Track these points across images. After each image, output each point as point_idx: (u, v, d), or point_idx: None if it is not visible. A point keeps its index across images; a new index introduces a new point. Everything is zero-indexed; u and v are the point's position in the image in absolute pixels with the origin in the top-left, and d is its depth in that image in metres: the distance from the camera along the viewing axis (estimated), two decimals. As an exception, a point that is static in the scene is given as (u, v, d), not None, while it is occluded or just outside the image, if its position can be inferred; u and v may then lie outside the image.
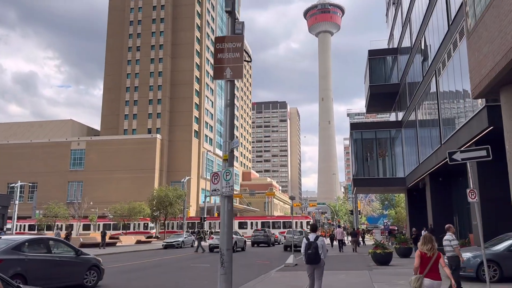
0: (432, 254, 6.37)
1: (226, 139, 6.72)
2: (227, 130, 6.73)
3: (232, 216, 6.64)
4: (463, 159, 9.05)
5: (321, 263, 9.02)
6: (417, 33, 28.73)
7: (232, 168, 6.59)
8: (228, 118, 6.84)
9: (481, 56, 7.88)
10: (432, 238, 6.62)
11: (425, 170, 27.52)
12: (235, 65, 6.84)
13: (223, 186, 6.57)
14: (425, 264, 6.39)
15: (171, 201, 49.58)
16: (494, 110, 15.98)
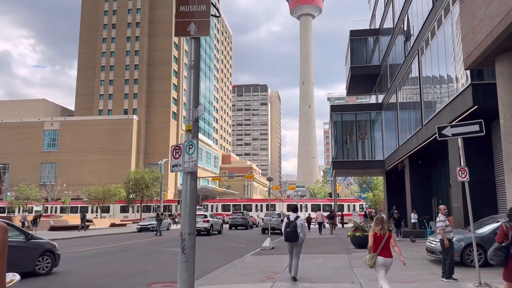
0: (383, 233, 6.85)
1: (190, 107, 5.77)
2: (191, 96, 5.78)
3: (195, 195, 5.74)
4: (453, 134, 8.36)
5: (299, 241, 9.37)
6: (400, 12, 28.03)
7: (196, 140, 5.67)
8: (192, 82, 5.88)
9: (476, 21, 7.11)
10: (384, 219, 7.13)
11: (404, 152, 27.22)
12: (200, 19, 5.86)
13: (186, 161, 5.65)
14: (378, 243, 6.84)
15: (147, 183, 48.36)
16: (479, 89, 15.46)
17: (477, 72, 15.51)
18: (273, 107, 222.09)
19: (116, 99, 76.05)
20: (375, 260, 6.79)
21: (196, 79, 5.91)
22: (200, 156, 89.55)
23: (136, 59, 76.37)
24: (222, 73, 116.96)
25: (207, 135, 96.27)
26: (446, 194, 25.19)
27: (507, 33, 6.32)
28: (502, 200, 17.13)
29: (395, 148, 30.06)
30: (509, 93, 6.92)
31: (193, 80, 5.87)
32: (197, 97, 5.76)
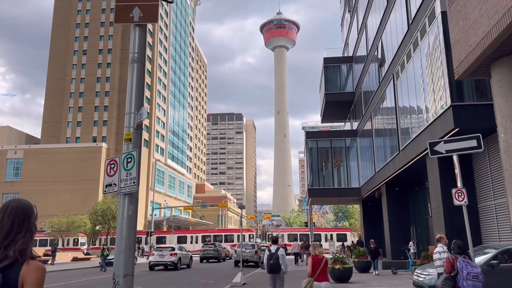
0: (322, 257, 7.38)
1: (131, 110, 4.52)
2: (133, 97, 4.54)
3: (134, 223, 4.40)
4: (448, 151, 7.37)
5: (281, 273, 9.70)
6: (373, 38, 27.95)
7: (137, 152, 4.37)
8: (135, 80, 4.65)
9: (469, 23, 6.27)
10: (321, 245, 7.75)
11: (381, 179, 26.45)
12: (146, 3, 4.71)
13: (123, 178, 4.35)
14: (315, 268, 7.25)
15: (114, 214, 45.74)
16: (459, 110, 14.84)
17: (457, 94, 14.94)
18: (248, 136, 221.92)
19: (85, 126, 73.40)
20: (311, 285, 7.07)
21: (140, 76, 4.68)
22: (173, 185, 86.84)
23: (107, 85, 74.48)
24: (196, 101, 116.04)
25: (181, 164, 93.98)
26: (425, 223, 24.35)
27: (509, 32, 5.44)
28: (486, 228, 16.29)
29: (372, 175, 29.32)
30: (511, 103, 6.00)
31: (136, 77, 4.64)
32: (141, 98, 4.52)
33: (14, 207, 2.03)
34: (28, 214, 2.05)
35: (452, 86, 14.83)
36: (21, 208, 2.04)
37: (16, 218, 2.00)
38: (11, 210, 2.01)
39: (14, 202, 2.07)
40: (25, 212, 2.04)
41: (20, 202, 2.08)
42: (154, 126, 77.41)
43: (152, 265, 25.28)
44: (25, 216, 2.02)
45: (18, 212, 2.02)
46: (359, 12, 33.94)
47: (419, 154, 18.35)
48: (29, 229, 2.02)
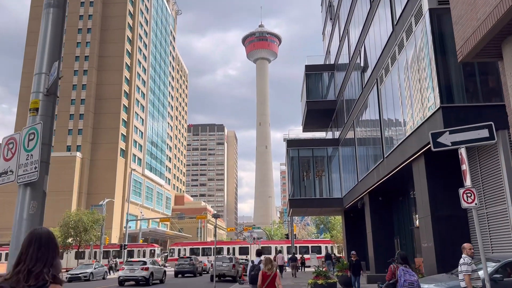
0: (271, 272, 8.00)
1: (41, 69, 3.28)
2: (45, 52, 3.30)
3: (40, 225, 3.09)
4: (454, 143, 6.29)
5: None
6: (356, 44, 27.28)
7: (44, 126, 3.07)
8: (49, 30, 3.40)
9: (475, -7, 5.21)
10: (271, 259, 8.38)
11: (364, 188, 25.51)
12: None
13: (22, 163, 3.06)
14: (265, 281, 7.91)
15: (86, 226, 43.46)
16: (449, 112, 13.97)
17: (446, 95, 14.07)
18: (230, 147, 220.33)
19: (59, 135, 70.71)
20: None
21: (57, 25, 3.40)
22: (151, 197, 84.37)
23: (83, 93, 72.22)
24: (177, 110, 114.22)
25: (159, 174, 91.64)
26: (410, 234, 23.39)
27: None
28: (475, 238, 15.33)
29: (354, 185, 28.37)
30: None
31: (52, 26, 3.42)
32: (55, 54, 3.26)
33: (44, 235, 2.25)
34: (52, 241, 2.28)
35: (441, 86, 13.98)
36: (47, 236, 2.26)
37: (45, 246, 2.20)
38: (41, 239, 2.21)
39: (40, 231, 2.27)
40: (49, 239, 2.24)
41: (45, 230, 2.31)
42: (131, 135, 75.29)
43: (122, 280, 23.50)
44: (50, 244, 2.25)
45: (45, 240, 2.23)
46: (341, 19, 33.40)
47: (405, 161, 17.42)
48: (56, 255, 2.27)
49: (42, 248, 2.13)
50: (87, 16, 76.06)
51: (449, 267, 15.18)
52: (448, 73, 14.33)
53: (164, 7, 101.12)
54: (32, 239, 2.15)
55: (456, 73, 14.40)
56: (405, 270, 7.26)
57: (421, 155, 16.21)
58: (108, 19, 76.56)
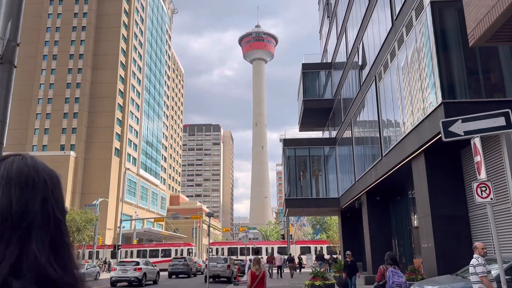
0: (259, 272, 8.38)
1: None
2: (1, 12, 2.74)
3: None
4: (467, 132, 5.81)
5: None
6: (354, 41, 26.87)
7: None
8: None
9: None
10: (259, 260, 8.68)
11: (361, 188, 25.09)
12: None
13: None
14: (254, 281, 8.28)
15: (79, 226, 42.80)
16: (451, 108, 13.52)
17: (448, 90, 13.63)
18: (226, 147, 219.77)
19: (53, 134, 69.90)
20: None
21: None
22: (145, 196, 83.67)
23: (77, 91, 71.42)
24: (172, 110, 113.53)
25: (154, 174, 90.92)
26: (409, 234, 23.00)
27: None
28: (479, 239, 14.91)
29: (351, 184, 27.95)
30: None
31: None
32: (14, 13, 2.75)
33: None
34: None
35: (443, 82, 13.54)
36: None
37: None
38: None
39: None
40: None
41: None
42: (126, 134, 74.58)
43: (114, 281, 22.95)
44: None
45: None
46: (338, 17, 33.01)
47: (405, 159, 16.99)
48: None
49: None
50: (81, 14, 75.33)
51: (450, 268, 14.75)
52: (450, 68, 13.90)
53: (160, 5, 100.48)
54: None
55: (458, 68, 13.98)
56: (394, 272, 7.38)
57: (421, 153, 15.79)
58: (103, 17, 75.87)
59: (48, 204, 0.83)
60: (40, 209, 0.81)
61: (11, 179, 0.81)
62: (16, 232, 0.76)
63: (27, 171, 0.83)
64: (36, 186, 0.83)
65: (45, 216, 0.81)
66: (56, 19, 75.85)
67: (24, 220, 0.78)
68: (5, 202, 0.78)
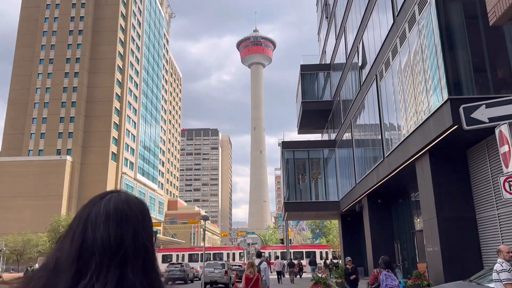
0: (253, 275, 8.99)
1: None
2: None
3: None
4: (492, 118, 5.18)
5: (263, 285, 10.01)
6: (353, 40, 26.33)
7: None
8: None
9: None
10: (253, 263, 9.39)
11: (362, 191, 24.44)
12: None
13: None
14: (248, 283, 8.91)
15: (74, 231, 41.86)
16: (458, 105, 12.90)
17: (454, 86, 13.02)
18: (224, 152, 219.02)
19: (49, 138, 69.15)
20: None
21: None
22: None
23: (74, 95, 70.76)
24: (170, 114, 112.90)
25: (151, 179, 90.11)
26: (412, 238, 22.34)
27: None
28: (487, 242, 14.26)
29: (352, 187, 27.30)
30: None
31: None
32: None
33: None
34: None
35: (449, 77, 12.93)
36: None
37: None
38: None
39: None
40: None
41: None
42: (123, 138, 73.87)
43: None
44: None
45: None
46: (337, 17, 32.51)
47: (408, 160, 16.37)
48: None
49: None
50: (78, 17, 74.85)
51: (457, 272, 14.08)
52: (456, 63, 13.31)
53: (158, 9, 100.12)
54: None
55: (465, 63, 13.39)
56: (387, 275, 7.52)
57: (426, 153, 15.18)
58: (100, 21, 75.38)
59: (138, 235, 0.99)
60: (132, 240, 0.97)
61: (109, 216, 0.98)
62: (114, 260, 0.94)
63: (121, 207, 1.00)
64: (129, 220, 0.99)
65: (136, 245, 0.97)
66: (53, 23, 75.34)
67: (120, 250, 0.95)
68: (105, 236, 0.95)
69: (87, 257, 0.93)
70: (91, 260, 0.93)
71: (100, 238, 0.95)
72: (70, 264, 0.93)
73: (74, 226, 1.00)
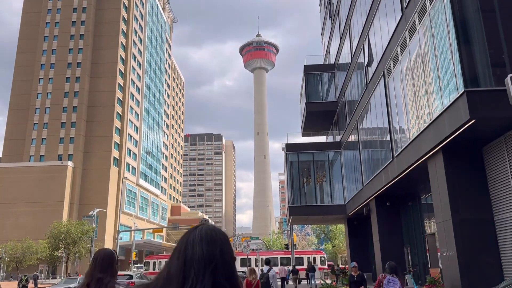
0: (254, 281, 9.71)
1: None
2: None
3: None
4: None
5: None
6: (359, 38, 25.52)
7: None
8: None
9: None
10: (254, 270, 10.10)
11: (370, 193, 23.49)
12: None
13: None
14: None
15: (74, 238, 41.12)
16: (475, 98, 12.01)
17: (470, 78, 12.12)
18: (228, 157, 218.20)
19: (50, 143, 68.57)
20: None
21: None
22: (145, 207, 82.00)
23: (75, 100, 70.26)
24: (173, 119, 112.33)
25: (154, 184, 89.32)
26: (423, 242, 21.33)
27: None
28: (506, 245, 13.28)
29: (359, 190, 26.34)
30: None
31: None
32: None
33: (101, 256, 2.84)
34: (111, 261, 2.85)
35: (465, 69, 12.04)
36: (107, 256, 2.85)
37: (103, 266, 2.78)
38: (100, 259, 2.82)
39: (101, 252, 2.89)
40: (108, 259, 2.84)
41: (105, 251, 2.91)
42: (125, 143, 73.19)
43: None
44: (109, 263, 2.82)
45: (104, 260, 2.81)
46: (341, 15, 31.71)
47: (420, 158, 15.45)
48: (113, 273, 2.82)
49: (103, 267, 2.76)
50: (79, 22, 74.53)
51: (475, 278, 13.12)
52: (472, 54, 12.41)
53: (160, 14, 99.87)
54: (94, 259, 2.82)
55: (481, 54, 12.49)
56: (390, 279, 7.91)
57: (439, 150, 14.27)
58: (102, 25, 75.04)
59: (223, 252, 1.41)
60: (220, 255, 1.39)
61: (202, 238, 1.40)
62: (208, 269, 1.35)
63: (210, 233, 1.43)
64: (216, 242, 1.41)
65: (223, 259, 1.39)
66: (54, 28, 75.07)
67: (212, 262, 1.36)
68: (200, 252, 1.37)
69: (189, 267, 1.34)
70: (192, 269, 1.33)
71: (197, 253, 1.36)
72: (178, 273, 1.34)
73: (179, 247, 1.41)
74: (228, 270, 1.39)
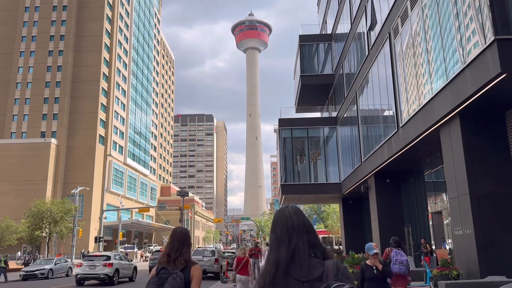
0: (244, 256, 10.82)
1: None
2: None
3: None
4: None
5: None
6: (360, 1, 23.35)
7: None
8: None
9: None
10: (244, 248, 11.72)
11: (369, 169, 21.77)
12: None
13: None
14: (239, 264, 10.49)
15: (55, 217, 39.09)
16: (507, 46, 10.06)
17: (501, 24, 10.12)
18: (219, 138, 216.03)
19: (32, 120, 65.77)
20: (234, 277, 10.75)
21: None
22: (133, 187, 79.96)
23: (58, 75, 67.15)
24: (162, 98, 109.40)
25: (143, 164, 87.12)
26: (424, 221, 19.72)
27: None
28: (533, 224, 11.55)
29: (357, 166, 24.59)
30: None
31: None
32: None
33: (179, 232, 3.41)
34: (187, 236, 3.41)
35: (495, 12, 10.02)
36: (183, 233, 3.43)
37: (181, 240, 3.33)
38: (178, 235, 3.38)
39: (178, 229, 3.46)
40: (185, 235, 3.40)
41: (182, 229, 3.49)
42: (111, 121, 70.57)
43: (80, 279, 19.54)
44: (185, 238, 3.38)
45: (181, 235, 3.38)
46: (340, -21, 29.37)
47: (432, 126, 13.60)
48: (188, 246, 3.37)
49: (181, 241, 3.31)
50: (62, -8, 70.84)
51: (496, 261, 11.43)
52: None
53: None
54: (173, 235, 3.39)
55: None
56: (397, 252, 8.29)
57: (455, 116, 12.42)
58: (86, -4, 71.41)
59: (309, 222, 2.01)
60: (308, 224, 2.00)
61: (294, 213, 2.01)
62: (304, 232, 1.95)
63: (297, 210, 2.04)
64: (302, 215, 2.03)
65: (310, 226, 1.99)
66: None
67: (305, 227, 1.97)
68: (296, 221, 1.97)
69: (292, 231, 1.92)
70: (294, 232, 1.91)
71: (295, 222, 1.95)
72: (285, 236, 1.92)
73: (278, 219, 2.00)
74: (315, 233, 1.97)
